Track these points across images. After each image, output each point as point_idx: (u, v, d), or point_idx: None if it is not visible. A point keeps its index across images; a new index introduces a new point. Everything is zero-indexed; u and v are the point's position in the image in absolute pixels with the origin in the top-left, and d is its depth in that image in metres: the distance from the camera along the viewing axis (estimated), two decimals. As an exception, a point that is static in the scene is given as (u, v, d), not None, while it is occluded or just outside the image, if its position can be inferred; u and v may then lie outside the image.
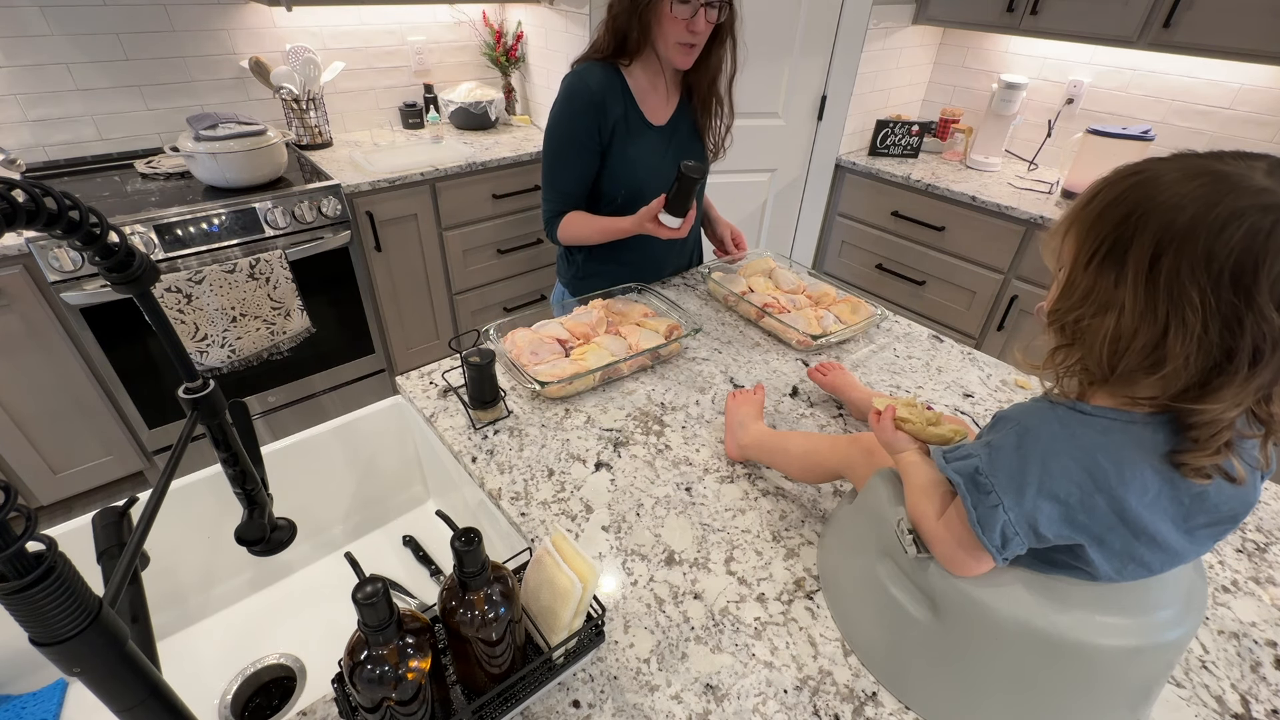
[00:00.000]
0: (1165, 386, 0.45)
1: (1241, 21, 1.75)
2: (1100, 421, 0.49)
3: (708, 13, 1.11)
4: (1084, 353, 0.49)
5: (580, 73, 1.21)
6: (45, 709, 0.81)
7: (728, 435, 0.97)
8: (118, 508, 0.56)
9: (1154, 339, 0.44)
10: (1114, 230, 0.46)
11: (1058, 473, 0.49)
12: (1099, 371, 0.48)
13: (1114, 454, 0.48)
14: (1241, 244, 0.40)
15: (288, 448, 0.99)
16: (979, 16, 2.26)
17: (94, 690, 0.37)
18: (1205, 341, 0.42)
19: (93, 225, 0.42)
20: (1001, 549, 0.52)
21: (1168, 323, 0.43)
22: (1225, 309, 0.41)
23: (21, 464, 1.77)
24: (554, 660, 0.63)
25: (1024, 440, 0.52)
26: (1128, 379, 0.47)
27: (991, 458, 0.53)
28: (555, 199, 1.30)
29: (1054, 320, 0.51)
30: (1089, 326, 0.48)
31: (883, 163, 2.51)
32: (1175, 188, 0.43)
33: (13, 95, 1.84)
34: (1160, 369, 0.44)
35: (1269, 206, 0.40)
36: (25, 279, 1.56)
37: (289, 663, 0.91)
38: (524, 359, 1.08)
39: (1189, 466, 0.46)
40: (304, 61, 2.13)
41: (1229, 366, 0.42)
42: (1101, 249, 0.46)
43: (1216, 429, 0.45)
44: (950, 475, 0.55)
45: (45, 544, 0.34)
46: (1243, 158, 0.44)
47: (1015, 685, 0.59)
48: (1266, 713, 0.66)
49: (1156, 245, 0.43)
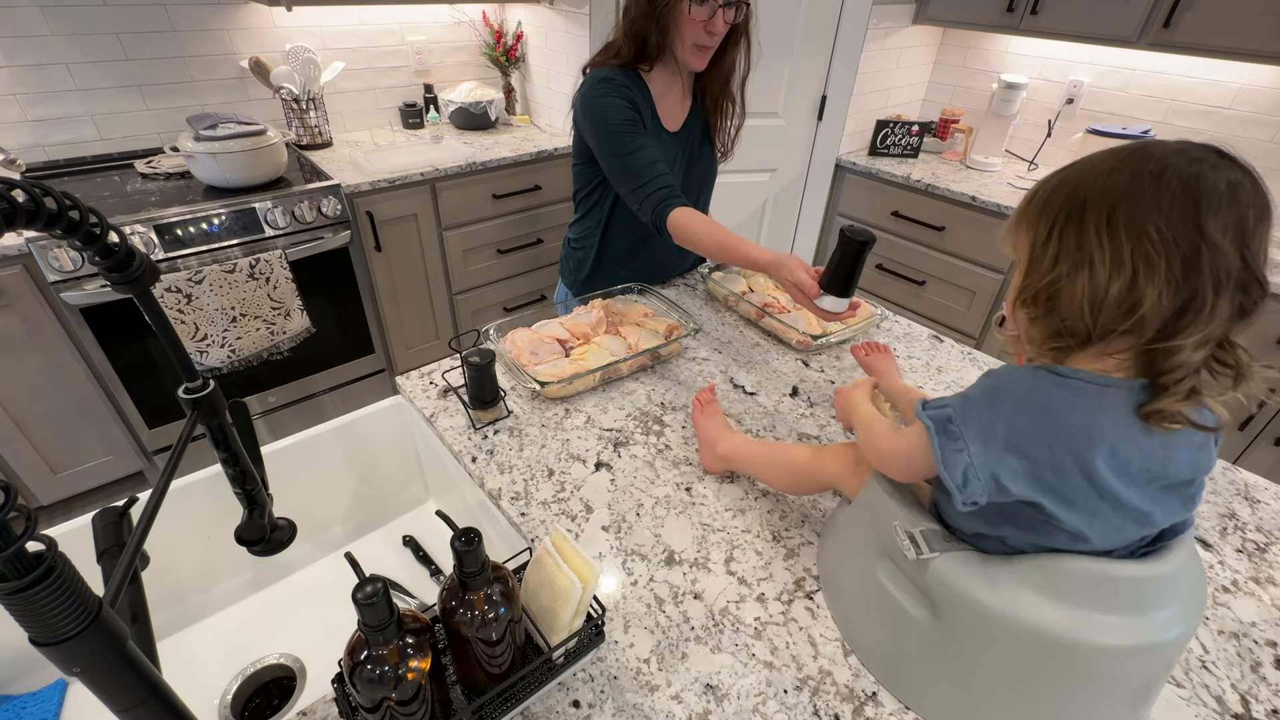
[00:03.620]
0: (1143, 329, 0.48)
1: (1241, 21, 1.75)
2: (1075, 384, 0.51)
3: (725, 13, 1.11)
4: (1064, 316, 0.52)
5: (604, 72, 1.19)
6: (45, 709, 0.81)
7: (703, 448, 0.94)
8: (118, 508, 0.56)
9: (1126, 285, 0.48)
10: (1065, 204, 0.51)
11: (1026, 428, 0.52)
12: (1081, 331, 0.51)
13: (1085, 415, 0.50)
14: (1179, 189, 0.46)
15: (288, 448, 0.99)
16: (979, 16, 2.26)
17: (94, 690, 0.37)
18: (1171, 277, 0.46)
19: (93, 225, 0.42)
20: (962, 488, 0.54)
21: (1135, 266, 0.47)
22: (1183, 244, 0.46)
23: (21, 464, 1.77)
24: (554, 660, 0.63)
25: (997, 394, 0.55)
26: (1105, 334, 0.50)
27: (964, 407, 0.56)
28: (657, 174, 1.13)
29: (1026, 295, 0.54)
30: (1064, 290, 0.51)
31: (883, 163, 2.51)
32: (1106, 163, 0.50)
33: (13, 95, 1.84)
34: (1136, 312, 0.48)
35: (1190, 161, 0.47)
36: (25, 279, 1.56)
37: (289, 663, 0.91)
38: (524, 359, 1.08)
39: (1161, 413, 0.49)
40: (304, 61, 2.13)
41: (1195, 302, 0.46)
42: (1059, 221, 0.51)
43: (1185, 372, 0.48)
44: (925, 421, 0.57)
45: (45, 544, 0.34)
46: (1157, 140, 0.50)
47: (1015, 685, 0.59)
48: (1266, 713, 0.66)
49: (1108, 203, 0.48)
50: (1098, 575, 0.54)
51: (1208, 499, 0.94)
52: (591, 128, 1.19)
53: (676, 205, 1.11)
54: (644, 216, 1.15)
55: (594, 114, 1.17)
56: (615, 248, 1.39)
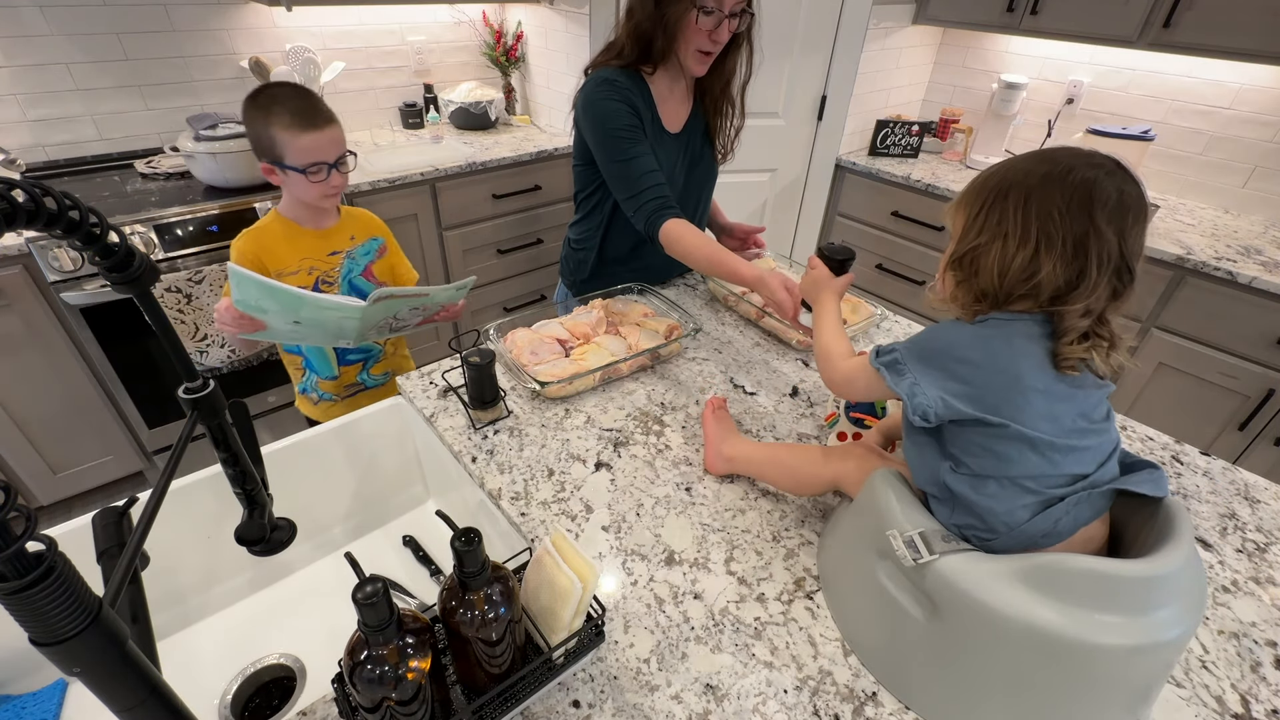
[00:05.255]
0: (1039, 293, 0.60)
1: (1241, 21, 1.75)
2: (992, 321, 0.63)
3: (730, 23, 1.11)
4: (979, 281, 0.63)
5: (606, 72, 1.19)
6: (45, 709, 0.81)
7: (708, 448, 0.94)
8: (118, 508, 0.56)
9: (1030, 255, 0.59)
10: (994, 189, 0.63)
11: (961, 356, 0.63)
12: (993, 293, 0.63)
13: (1004, 339, 0.62)
14: (1079, 186, 0.58)
15: (288, 448, 0.99)
16: (979, 16, 2.26)
17: (94, 690, 0.37)
18: (1064, 254, 0.58)
19: (93, 225, 0.42)
20: (911, 398, 0.64)
21: (1038, 241, 0.59)
22: (1076, 228, 0.57)
23: (21, 464, 1.77)
24: (554, 660, 0.63)
25: (932, 334, 0.67)
26: (1010, 297, 0.62)
27: (908, 349, 0.68)
28: (653, 184, 1.15)
29: (954, 259, 0.66)
30: (982, 256, 0.62)
31: (883, 163, 2.51)
32: (1029, 161, 0.62)
33: (13, 95, 1.84)
34: (1034, 279, 0.59)
35: (1091, 167, 0.58)
36: (25, 279, 1.56)
37: (289, 663, 0.91)
38: (524, 359, 1.08)
39: (1061, 357, 0.60)
40: (304, 61, 2.13)
41: (1082, 276, 0.58)
42: (987, 202, 0.63)
43: (1074, 335, 0.59)
44: (878, 368, 0.68)
45: (45, 544, 0.34)
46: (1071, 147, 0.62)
47: (1015, 685, 0.59)
48: (1266, 713, 0.66)
49: (1025, 191, 0.60)
50: (1098, 575, 0.54)
51: (1207, 499, 0.94)
52: (592, 130, 1.19)
53: (670, 216, 1.13)
54: (638, 224, 1.17)
55: (594, 116, 1.18)
56: (616, 249, 1.39)
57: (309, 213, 1.20)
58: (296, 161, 1.09)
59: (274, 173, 1.12)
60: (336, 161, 1.13)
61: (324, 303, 0.95)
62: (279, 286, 0.91)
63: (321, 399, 1.36)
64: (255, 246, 1.17)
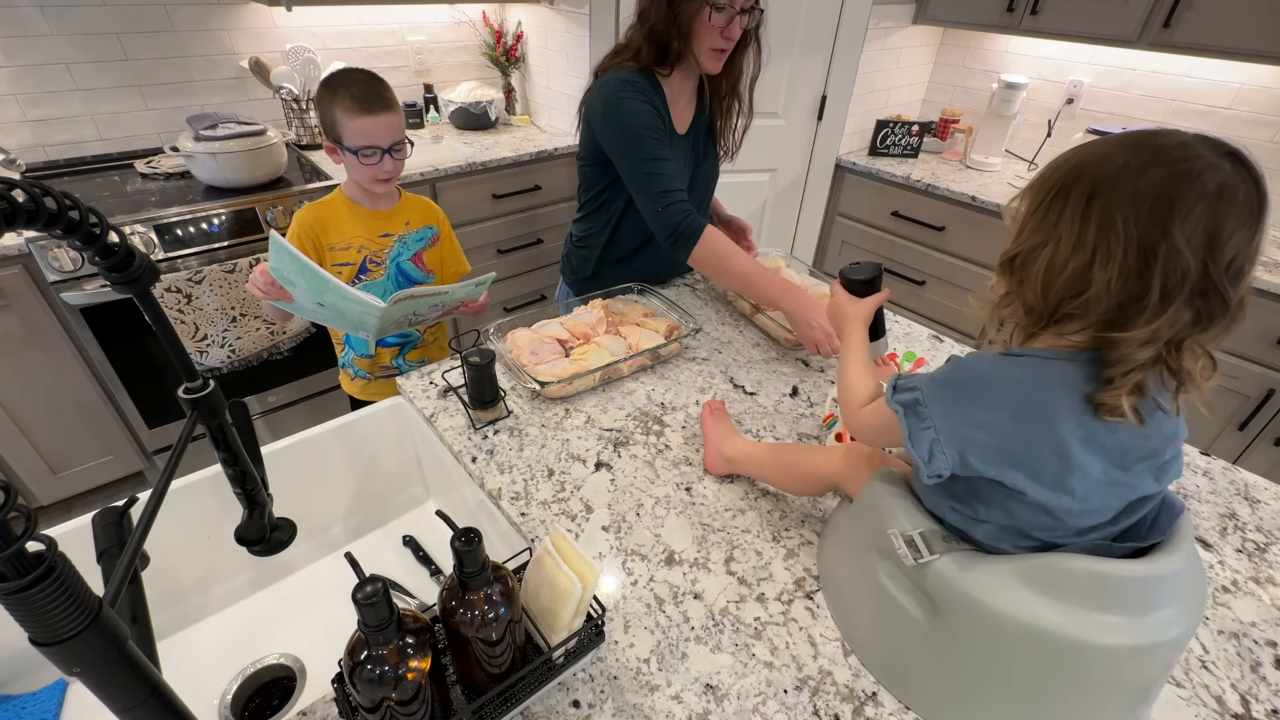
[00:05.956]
0: (1087, 312, 0.50)
1: (1241, 21, 1.75)
2: (1030, 360, 0.54)
3: (741, 19, 1.12)
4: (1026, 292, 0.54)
5: (623, 74, 1.19)
6: (45, 709, 0.81)
7: (708, 449, 0.94)
8: (118, 508, 0.56)
9: (1081, 266, 0.49)
10: (1059, 181, 0.53)
11: (989, 402, 0.55)
12: (1038, 308, 0.54)
13: (1042, 386, 0.53)
14: (1160, 185, 0.46)
15: (288, 448, 0.99)
16: (979, 16, 2.26)
17: (94, 690, 0.37)
18: (1125, 268, 0.47)
19: (92, 225, 0.42)
20: (928, 462, 0.57)
21: (1094, 250, 0.49)
22: (1143, 237, 0.47)
23: (21, 464, 1.77)
24: (554, 660, 0.63)
25: (959, 372, 0.58)
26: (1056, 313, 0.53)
27: (931, 389, 0.58)
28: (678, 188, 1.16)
29: (1004, 260, 0.57)
30: (1030, 261, 0.53)
31: (883, 163, 2.51)
32: (1107, 147, 0.51)
33: (13, 95, 1.84)
34: (1083, 294, 0.50)
35: (1185, 158, 0.47)
36: (25, 279, 1.56)
37: (289, 663, 0.91)
38: (524, 359, 1.08)
39: (1105, 406, 0.50)
40: (304, 61, 2.13)
41: (1143, 300, 0.47)
42: (1048, 196, 0.53)
43: (1129, 366, 0.49)
44: (894, 408, 0.60)
45: (45, 544, 0.34)
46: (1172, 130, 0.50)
47: (1015, 685, 0.59)
48: (1266, 713, 0.66)
49: (1092, 187, 0.50)
50: (1098, 575, 0.54)
51: (1207, 499, 0.94)
52: (613, 129, 1.18)
53: (705, 224, 1.16)
54: (660, 227, 1.18)
55: (618, 116, 1.17)
56: (621, 249, 1.39)
57: (366, 194, 1.25)
58: (352, 143, 1.14)
59: (335, 151, 1.18)
60: (391, 148, 1.17)
61: (347, 294, 0.97)
62: (310, 265, 0.94)
63: (357, 375, 1.41)
64: (313, 219, 1.21)
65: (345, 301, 0.99)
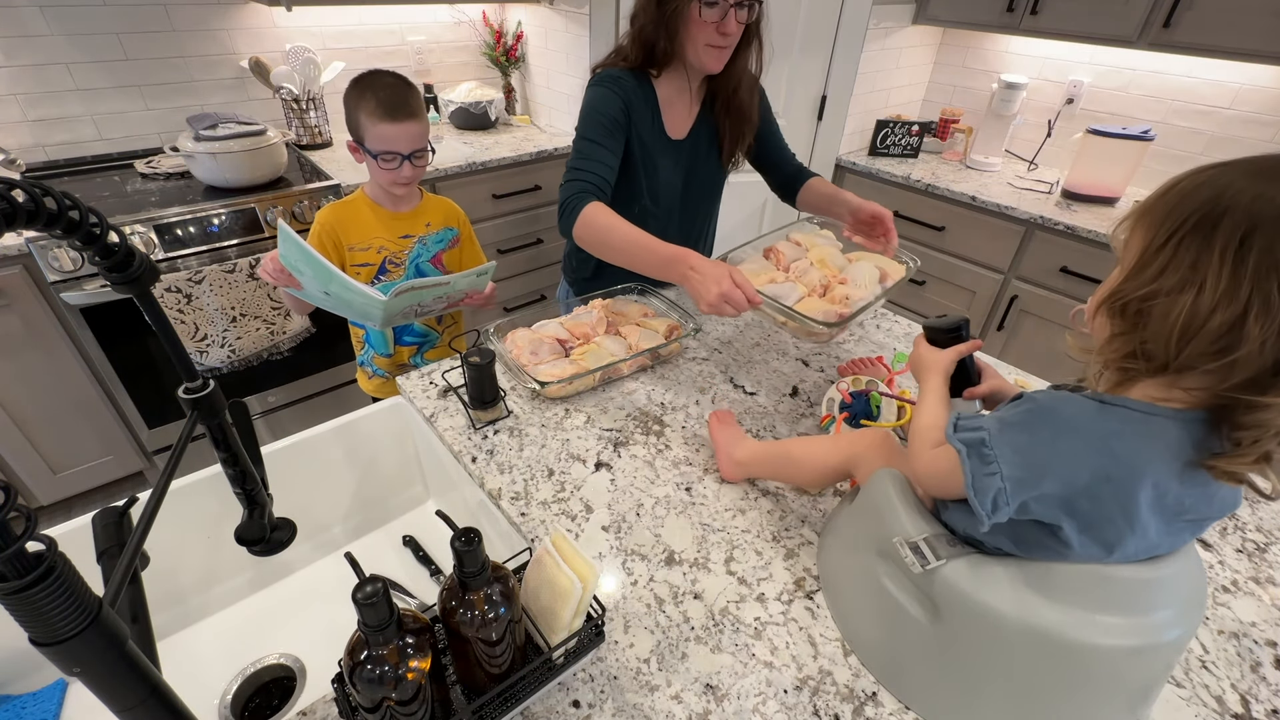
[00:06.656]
0: (1227, 375, 0.43)
1: (1241, 21, 1.75)
2: (1121, 411, 0.48)
3: (738, 13, 1.09)
4: (1147, 337, 0.47)
5: (614, 71, 1.20)
6: (45, 709, 0.81)
7: (720, 456, 0.93)
8: (118, 508, 0.56)
9: (1231, 320, 0.42)
10: (1199, 209, 0.44)
11: (1066, 454, 0.49)
12: (1161, 357, 0.46)
13: (1130, 443, 0.47)
14: None
15: (288, 448, 0.99)
16: (979, 16, 2.26)
17: (94, 690, 0.37)
18: None
19: (93, 225, 0.42)
20: (992, 513, 0.53)
21: (1249, 303, 0.41)
22: None
23: (21, 464, 1.77)
24: (554, 660, 0.63)
25: (1036, 417, 0.51)
26: (1184, 367, 0.45)
27: (1000, 430, 0.53)
28: (595, 170, 1.14)
29: (1115, 302, 0.49)
30: (1159, 307, 0.46)
31: (883, 163, 2.51)
32: (1254, 181, 0.43)
33: (13, 95, 1.84)
34: (1230, 354, 0.42)
35: None
36: (25, 279, 1.56)
37: (289, 663, 0.91)
38: (524, 359, 1.08)
39: (1221, 469, 0.45)
40: (304, 61, 2.13)
41: None
42: (1184, 227, 0.45)
43: (1263, 433, 0.43)
44: (956, 445, 0.55)
45: (45, 544, 0.34)
46: None
47: (1015, 685, 0.59)
48: (1266, 713, 0.66)
49: (1248, 224, 0.42)
50: (1097, 576, 0.54)
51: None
52: (580, 116, 1.21)
53: (594, 199, 1.10)
54: (560, 197, 1.15)
55: (585, 102, 1.20)
56: None
57: (387, 195, 1.26)
58: (374, 147, 1.16)
59: (357, 151, 1.20)
60: (412, 155, 1.18)
61: (350, 285, 0.98)
62: (314, 255, 0.95)
63: (375, 374, 1.42)
64: (333, 219, 1.23)
65: (349, 292, 1.00)
